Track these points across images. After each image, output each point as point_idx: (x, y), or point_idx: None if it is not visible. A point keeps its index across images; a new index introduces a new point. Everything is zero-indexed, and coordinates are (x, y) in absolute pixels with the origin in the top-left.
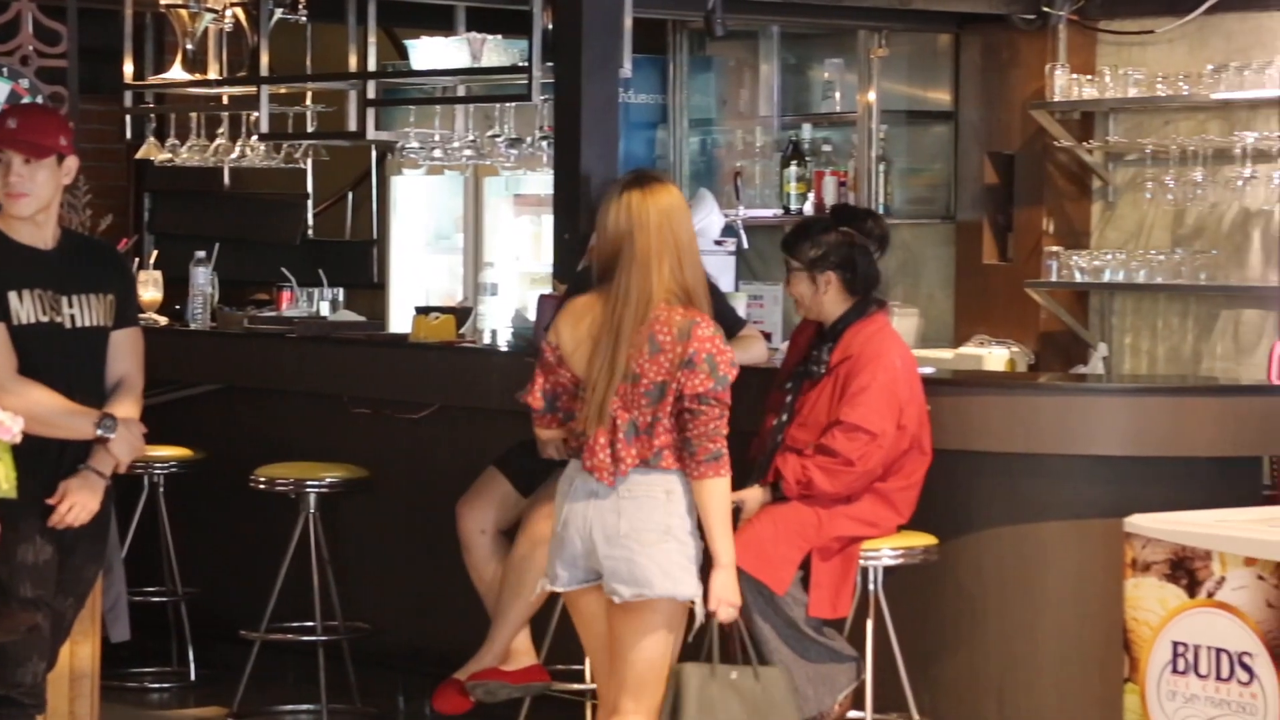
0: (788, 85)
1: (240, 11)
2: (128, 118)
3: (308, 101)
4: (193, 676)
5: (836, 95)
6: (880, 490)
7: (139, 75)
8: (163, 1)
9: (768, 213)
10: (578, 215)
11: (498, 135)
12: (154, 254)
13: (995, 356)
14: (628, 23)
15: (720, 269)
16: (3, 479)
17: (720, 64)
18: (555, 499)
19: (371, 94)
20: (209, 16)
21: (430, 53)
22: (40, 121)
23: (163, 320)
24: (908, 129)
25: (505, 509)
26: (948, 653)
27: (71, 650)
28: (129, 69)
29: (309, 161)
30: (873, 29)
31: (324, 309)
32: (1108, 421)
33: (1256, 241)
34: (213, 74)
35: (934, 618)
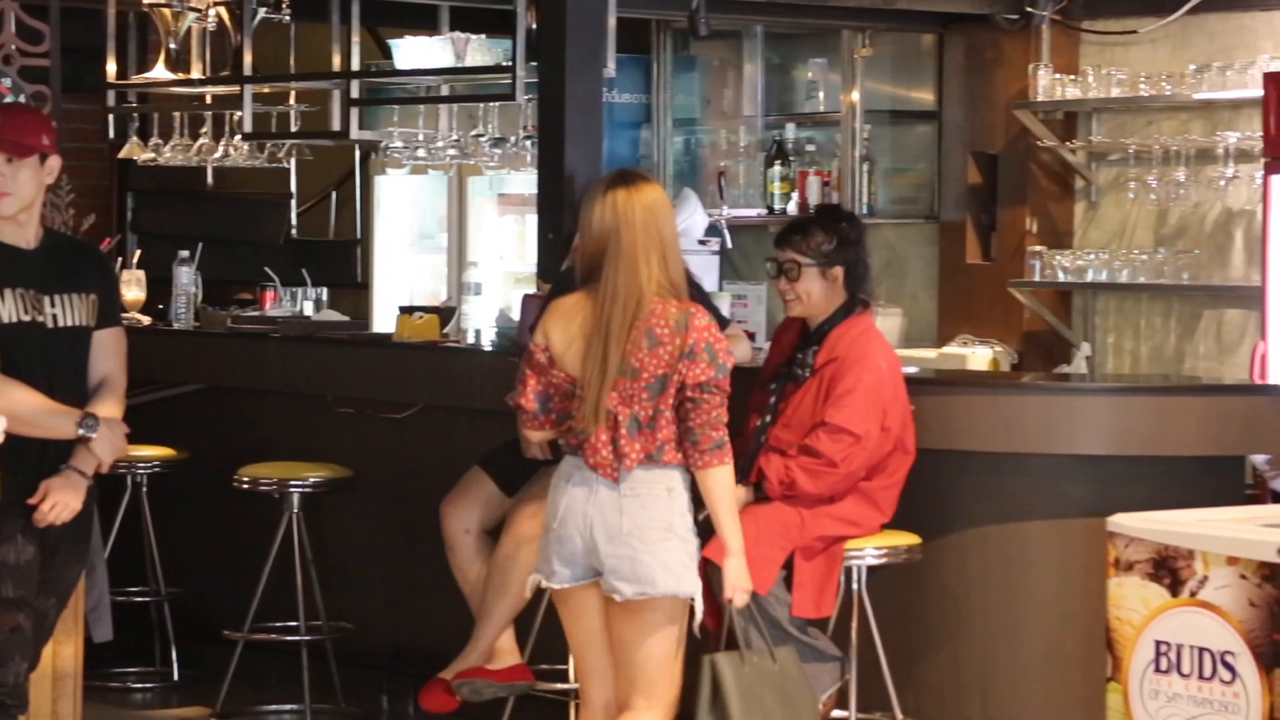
0: (771, 85)
1: (223, 10)
2: (111, 117)
3: (291, 101)
4: (176, 676)
5: (820, 95)
6: (863, 489)
7: (122, 74)
8: (146, 0)
9: (751, 212)
10: (561, 215)
11: (481, 135)
12: (137, 253)
13: (979, 356)
14: (611, 22)
15: (704, 269)
16: None
17: (704, 64)
18: (548, 496)
19: (355, 93)
20: (192, 15)
21: (414, 52)
22: (23, 121)
23: (146, 320)
24: (891, 129)
25: (489, 508)
26: (931, 652)
27: (54, 650)
28: (112, 68)
29: (292, 161)
30: (856, 29)
31: (308, 309)
32: (1091, 421)
33: (1239, 241)
34: (196, 73)
35: (917, 617)
